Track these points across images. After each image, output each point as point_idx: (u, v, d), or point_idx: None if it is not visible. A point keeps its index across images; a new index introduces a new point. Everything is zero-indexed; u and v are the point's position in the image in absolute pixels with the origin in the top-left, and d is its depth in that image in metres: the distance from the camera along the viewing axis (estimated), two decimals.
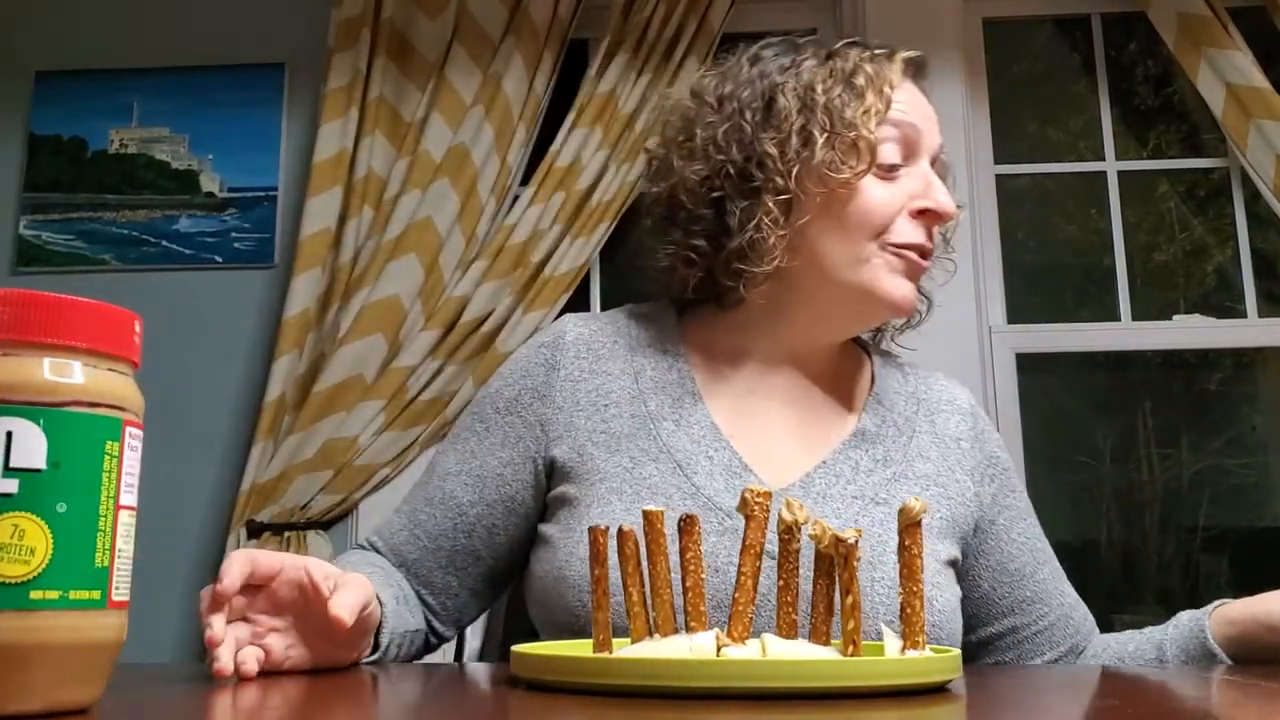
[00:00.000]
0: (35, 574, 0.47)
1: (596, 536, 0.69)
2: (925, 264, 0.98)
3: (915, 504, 0.64)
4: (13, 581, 0.46)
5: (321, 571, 0.74)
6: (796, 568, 0.66)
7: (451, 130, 2.12)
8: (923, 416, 1.04)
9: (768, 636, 0.64)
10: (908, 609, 0.63)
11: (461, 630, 1.08)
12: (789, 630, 0.65)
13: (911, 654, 0.63)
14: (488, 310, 2.05)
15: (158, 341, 1.08)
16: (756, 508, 0.65)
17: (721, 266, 0.98)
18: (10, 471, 0.47)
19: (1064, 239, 2.39)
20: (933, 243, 0.99)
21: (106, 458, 0.50)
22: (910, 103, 0.98)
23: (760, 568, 0.65)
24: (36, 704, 0.47)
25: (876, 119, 0.94)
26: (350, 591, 0.73)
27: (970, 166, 2.19)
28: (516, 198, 2.13)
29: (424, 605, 1.00)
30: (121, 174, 2.26)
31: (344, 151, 2.12)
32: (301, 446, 2.00)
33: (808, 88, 0.96)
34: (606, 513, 0.91)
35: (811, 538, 0.64)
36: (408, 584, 0.99)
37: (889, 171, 0.96)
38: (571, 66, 2.21)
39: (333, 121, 2.14)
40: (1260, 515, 2.27)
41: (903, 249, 0.96)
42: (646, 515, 0.67)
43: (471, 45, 2.16)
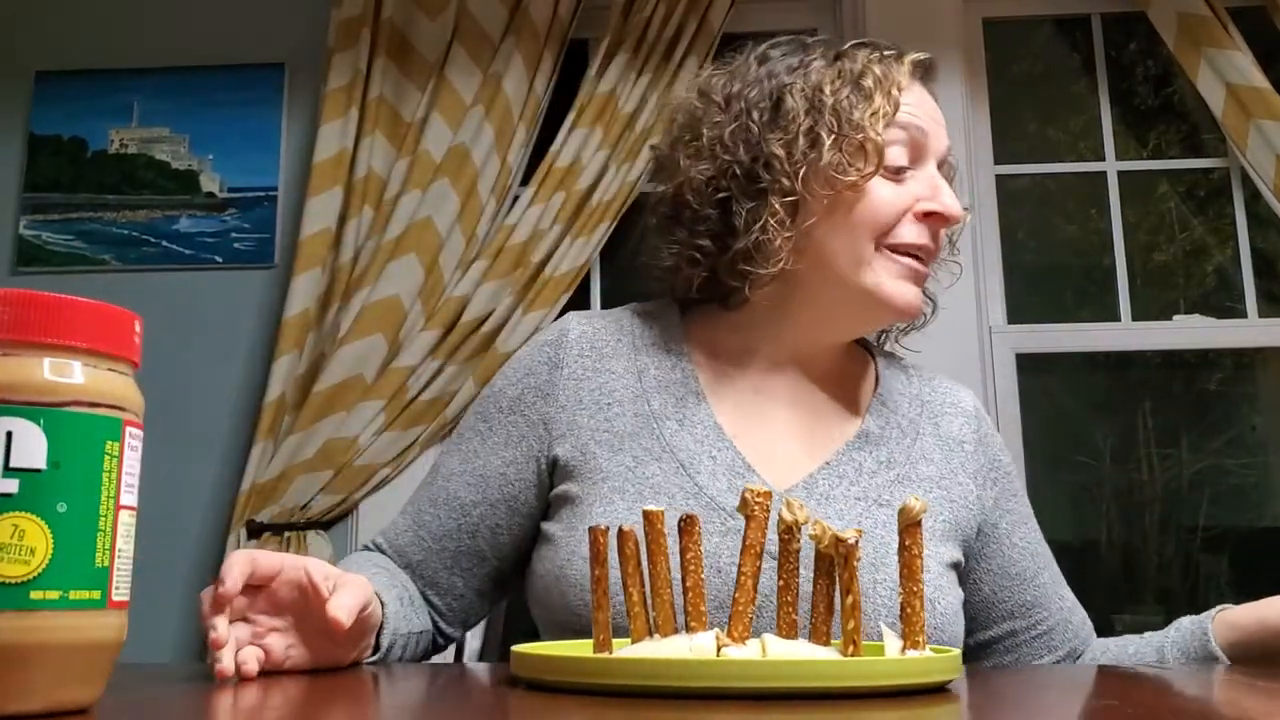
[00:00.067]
0: (35, 574, 0.47)
1: (597, 536, 0.69)
2: (927, 269, 0.98)
3: (915, 504, 0.64)
4: (13, 581, 0.46)
5: (321, 572, 0.74)
6: (797, 568, 0.66)
7: (451, 130, 2.12)
8: (926, 419, 1.04)
9: (768, 636, 0.64)
10: (908, 609, 0.63)
11: (468, 630, 1.08)
12: (789, 630, 0.65)
13: (911, 654, 0.63)
14: (488, 310, 2.05)
15: (158, 341, 1.08)
16: (756, 508, 0.65)
17: (726, 267, 0.97)
18: (10, 471, 0.47)
19: (1064, 239, 2.39)
20: (936, 245, 0.98)
21: (106, 458, 0.50)
22: (918, 105, 0.98)
23: (760, 568, 0.65)
24: (36, 704, 0.47)
25: (884, 121, 0.94)
26: (349, 592, 0.74)
27: (970, 166, 2.19)
28: (516, 198, 2.13)
29: (430, 606, 1.00)
30: (121, 174, 2.26)
31: (344, 151, 2.12)
32: (301, 446, 2.00)
33: (816, 89, 0.95)
34: (609, 512, 0.91)
35: (812, 538, 0.64)
36: (413, 585, 0.99)
37: (896, 174, 0.95)
38: (571, 66, 2.21)
39: (333, 121, 2.13)
40: (1260, 515, 2.27)
41: (904, 252, 0.95)
42: (647, 515, 0.67)
43: (471, 45, 2.16)
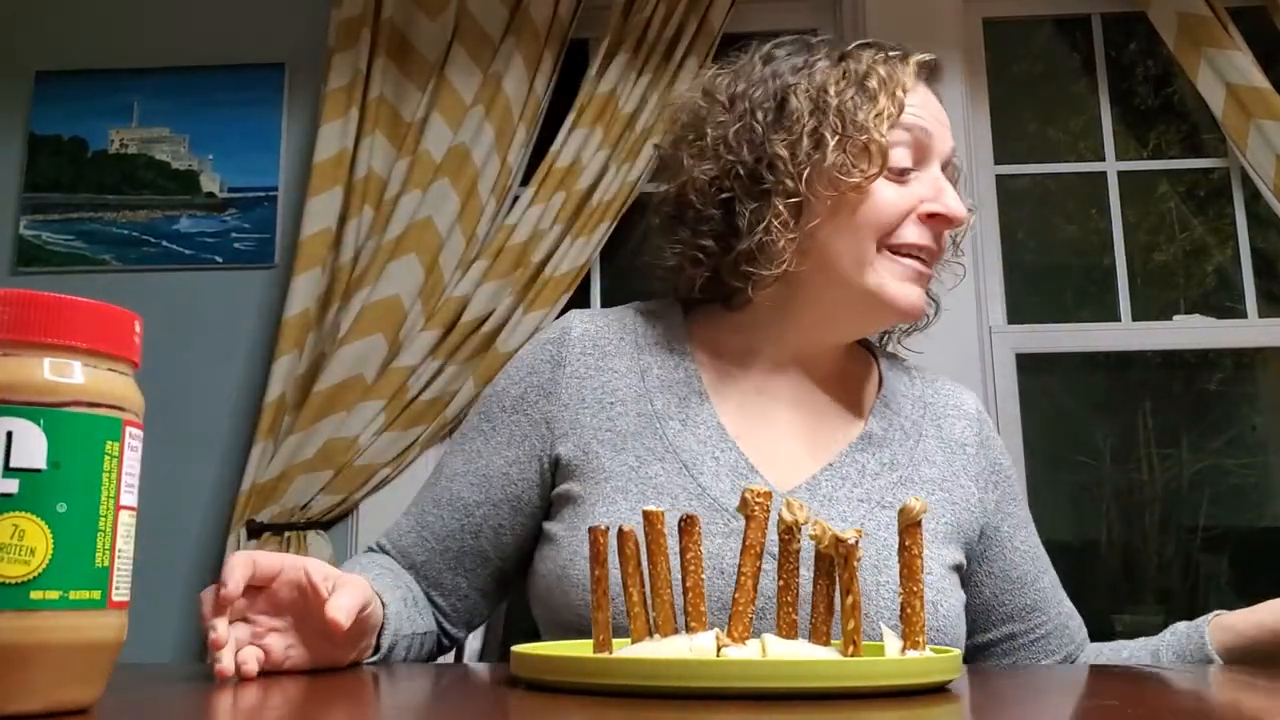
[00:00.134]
0: (35, 574, 0.47)
1: (597, 537, 0.69)
2: (930, 270, 0.97)
3: (915, 504, 0.64)
4: (13, 581, 0.46)
5: (320, 572, 0.74)
6: (797, 568, 0.66)
7: (452, 130, 2.12)
8: (929, 421, 1.04)
9: (768, 636, 0.64)
10: (908, 609, 0.63)
11: (472, 631, 1.08)
12: (789, 630, 0.65)
13: (911, 654, 0.63)
14: (488, 310, 2.05)
15: (158, 341, 1.08)
16: (756, 508, 0.65)
17: (729, 268, 0.97)
18: (10, 471, 0.47)
19: (1064, 239, 2.39)
20: (940, 246, 0.97)
21: (106, 458, 0.50)
22: (923, 106, 0.97)
23: (760, 568, 0.65)
24: (36, 704, 0.47)
25: (889, 122, 0.93)
26: (348, 593, 0.73)
27: (970, 166, 2.19)
28: (517, 198, 2.13)
29: (434, 607, 1.00)
30: (121, 174, 2.26)
31: (344, 151, 2.12)
32: (301, 446, 2.00)
33: (820, 89, 0.95)
34: (612, 512, 0.91)
35: (812, 538, 0.64)
36: (417, 586, 0.99)
37: (900, 175, 0.95)
38: (571, 66, 2.21)
39: (333, 121, 2.13)
40: (1260, 515, 2.27)
41: (907, 253, 0.95)
42: (647, 515, 0.67)
43: (471, 45, 2.16)
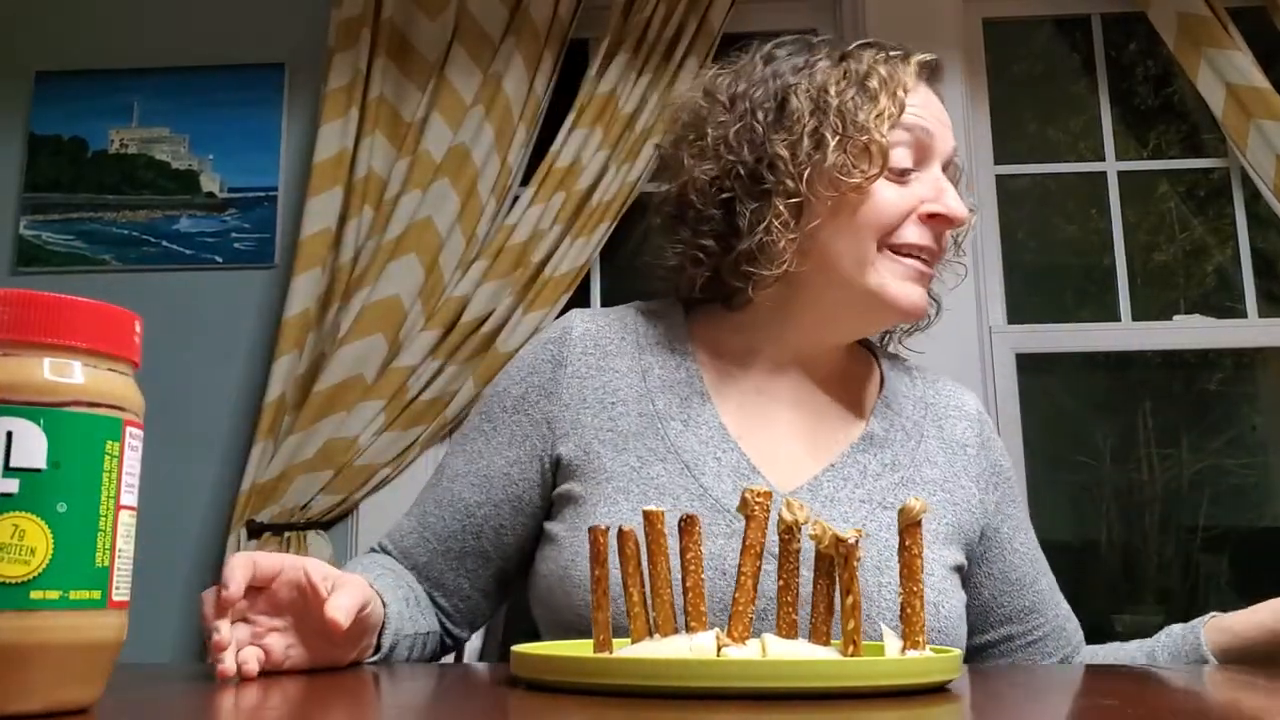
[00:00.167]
0: (35, 574, 0.47)
1: (597, 536, 0.69)
2: (932, 270, 0.97)
3: (915, 504, 0.64)
4: (13, 581, 0.46)
5: (320, 572, 0.74)
6: (797, 568, 0.66)
7: (452, 130, 2.12)
8: (931, 421, 1.04)
9: (768, 636, 0.64)
10: (908, 609, 0.63)
11: (475, 631, 1.08)
12: (789, 630, 0.65)
13: (911, 654, 0.63)
14: (488, 310, 2.05)
15: (158, 341, 1.08)
16: (756, 508, 0.65)
17: (730, 268, 0.97)
18: (10, 471, 0.47)
19: (1064, 239, 2.39)
20: (940, 246, 0.97)
21: (106, 458, 0.50)
22: (924, 106, 0.97)
23: (760, 568, 0.65)
24: (36, 704, 0.47)
25: (889, 123, 0.93)
26: (347, 593, 0.74)
27: (970, 166, 2.19)
28: (517, 198, 2.13)
29: (437, 608, 1.00)
30: (121, 174, 2.26)
31: (344, 151, 2.12)
32: (301, 446, 2.00)
33: (821, 89, 0.94)
34: (614, 512, 0.91)
35: (812, 538, 0.64)
36: (419, 586, 0.99)
37: (900, 176, 0.95)
38: (571, 66, 2.21)
39: (333, 121, 2.13)
40: (1260, 515, 2.27)
41: (908, 253, 0.95)
42: (647, 515, 0.67)
43: (471, 45, 2.16)
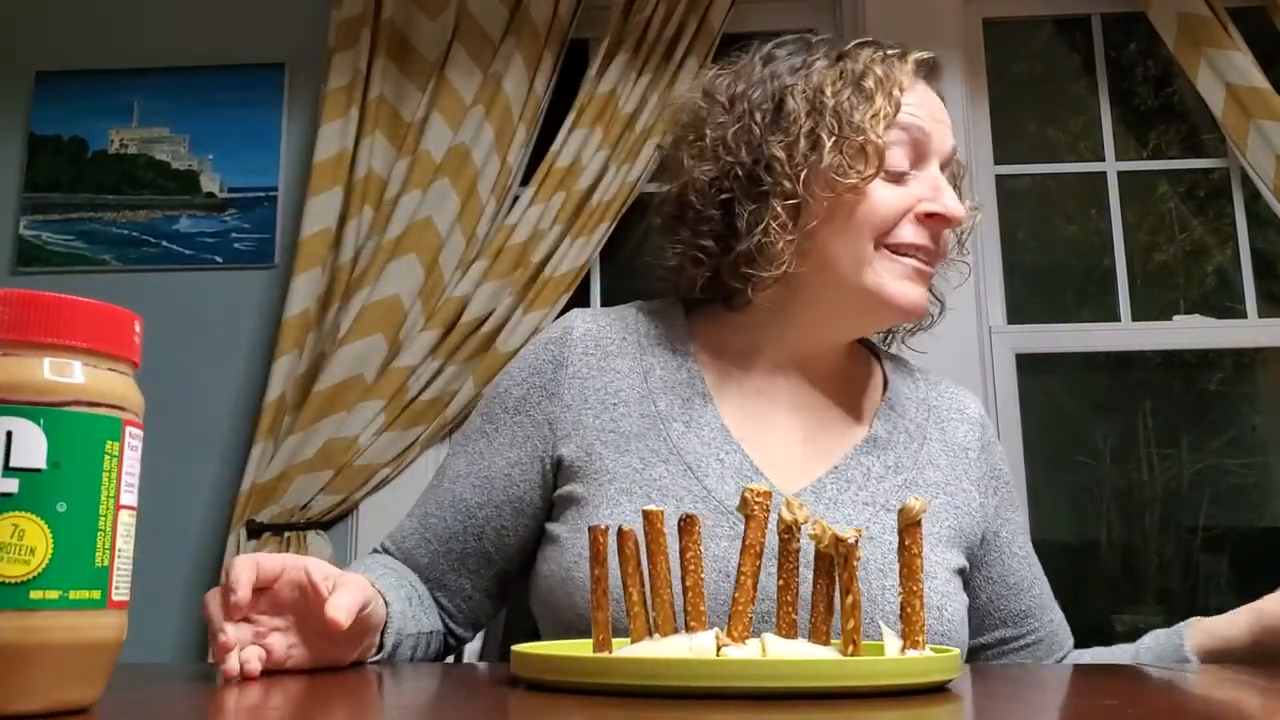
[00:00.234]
0: (35, 574, 0.47)
1: (596, 536, 0.69)
2: (931, 269, 0.97)
3: (915, 503, 0.64)
4: (13, 581, 0.46)
5: (321, 572, 0.74)
6: (797, 567, 0.66)
7: (451, 130, 2.12)
8: (933, 424, 1.03)
9: (768, 636, 0.64)
10: (907, 608, 0.63)
11: (478, 631, 1.07)
12: (789, 630, 0.65)
13: (911, 654, 0.63)
14: (488, 310, 2.05)
15: (158, 341, 1.08)
16: (756, 507, 0.65)
17: (729, 269, 0.96)
18: (10, 471, 0.47)
19: (1064, 239, 2.39)
20: (938, 245, 0.97)
21: (106, 458, 0.50)
22: (921, 105, 0.97)
23: (760, 567, 0.65)
24: (36, 704, 0.47)
25: (885, 122, 0.93)
26: (348, 592, 0.74)
27: (970, 166, 2.19)
28: (516, 198, 2.13)
29: (440, 608, 1.00)
30: (121, 174, 2.26)
31: (344, 151, 2.12)
32: (301, 446, 2.00)
33: (817, 90, 0.94)
34: (616, 514, 0.90)
35: (811, 537, 0.64)
36: (422, 586, 0.99)
37: (898, 175, 0.94)
38: (571, 66, 2.21)
39: (333, 121, 2.13)
40: (1260, 515, 2.27)
41: (905, 252, 0.94)
42: (646, 515, 0.67)
43: (471, 45, 2.16)
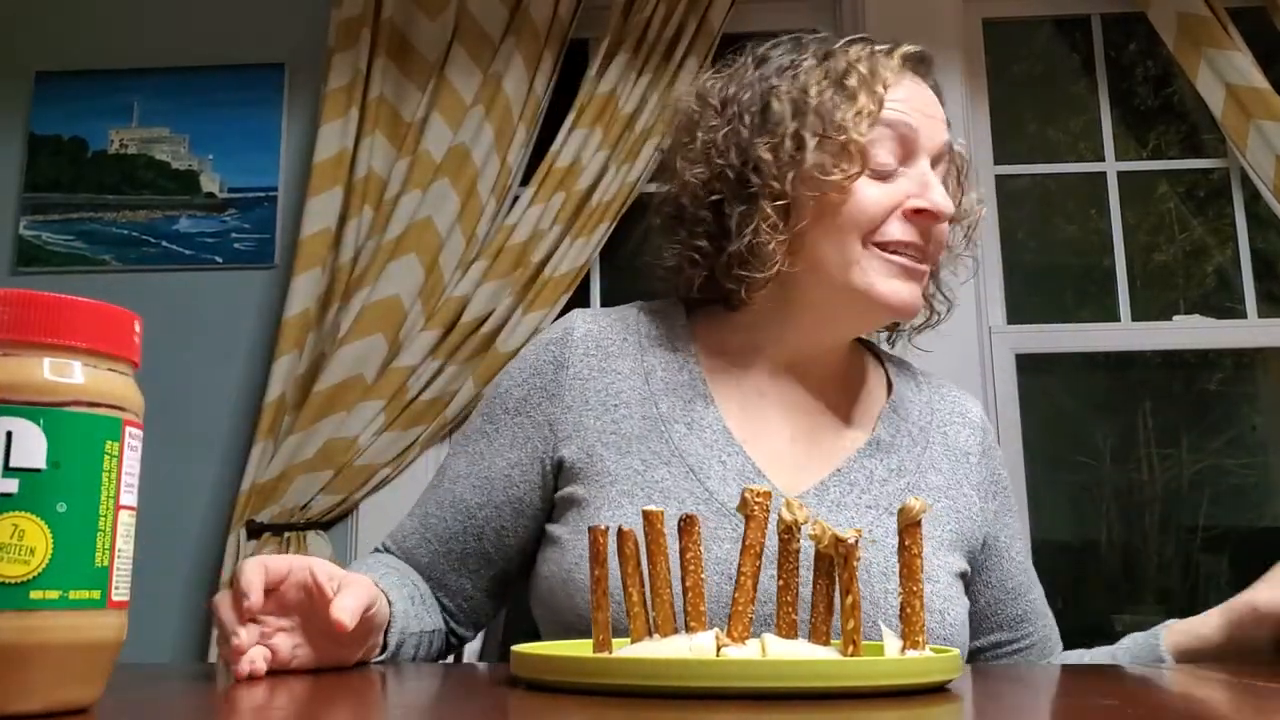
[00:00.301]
0: (35, 574, 0.47)
1: (597, 537, 0.69)
2: (923, 266, 0.95)
3: (915, 503, 0.64)
4: (13, 581, 0.46)
5: (325, 572, 0.74)
6: (796, 568, 0.66)
7: (451, 130, 2.12)
8: (936, 428, 1.03)
9: (768, 636, 0.64)
10: (907, 609, 0.63)
11: (480, 631, 1.07)
12: (789, 630, 0.65)
13: (911, 654, 0.63)
14: (488, 310, 2.05)
15: (158, 341, 1.08)
16: (756, 508, 0.65)
17: (723, 270, 0.96)
18: (10, 471, 0.47)
19: (1064, 239, 2.39)
20: (928, 242, 0.95)
21: (106, 458, 0.50)
22: (909, 100, 0.96)
23: (760, 568, 0.65)
24: (36, 704, 0.47)
25: (869, 120, 0.92)
26: (352, 593, 0.74)
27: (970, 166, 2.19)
28: (516, 198, 2.13)
29: (441, 607, 1.00)
30: (121, 174, 2.26)
31: (344, 151, 2.13)
32: (301, 446, 2.00)
33: (802, 90, 0.94)
34: (618, 516, 0.90)
35: (811, 538, 0.64)
36: (424, 584, 0.99)
37: (885, 172, 0.94)
38: (571, 66, 2.21)
39: (333, 121, 2.14)
40: (1260, 515, 2.27)
41: (894, 250, 0.93)
42: (646, 515, 0.67)
43: (471, 45, 2.16)
